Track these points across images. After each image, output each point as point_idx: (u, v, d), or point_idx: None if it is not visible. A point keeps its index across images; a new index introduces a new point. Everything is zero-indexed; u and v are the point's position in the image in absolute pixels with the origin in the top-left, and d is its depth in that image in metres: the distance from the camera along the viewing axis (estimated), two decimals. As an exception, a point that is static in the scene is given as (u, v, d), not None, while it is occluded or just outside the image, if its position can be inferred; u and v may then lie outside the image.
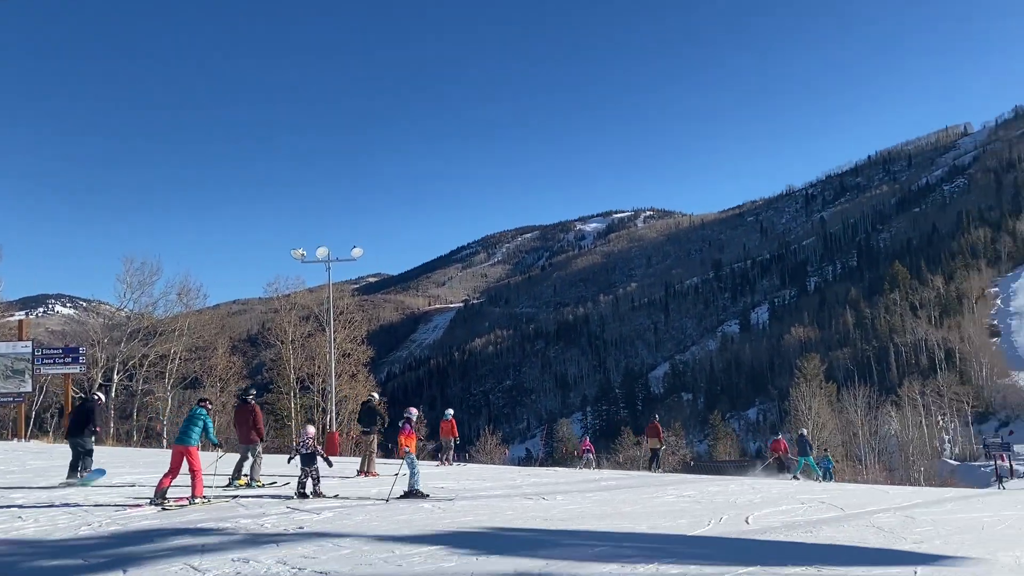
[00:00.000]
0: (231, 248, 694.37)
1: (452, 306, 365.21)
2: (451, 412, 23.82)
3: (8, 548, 8.04)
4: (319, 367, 38.98)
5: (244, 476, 14.38)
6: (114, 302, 42.32)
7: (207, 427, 12.03)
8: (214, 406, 21.12)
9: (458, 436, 23.23)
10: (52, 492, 12.79)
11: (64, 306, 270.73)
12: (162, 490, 11.39)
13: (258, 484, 14.18)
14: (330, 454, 19.53)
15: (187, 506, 11.31)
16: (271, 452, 27.53)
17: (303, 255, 30.32)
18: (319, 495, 12.57)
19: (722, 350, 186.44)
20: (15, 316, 43.00)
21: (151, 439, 38.23)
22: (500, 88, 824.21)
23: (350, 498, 12.79)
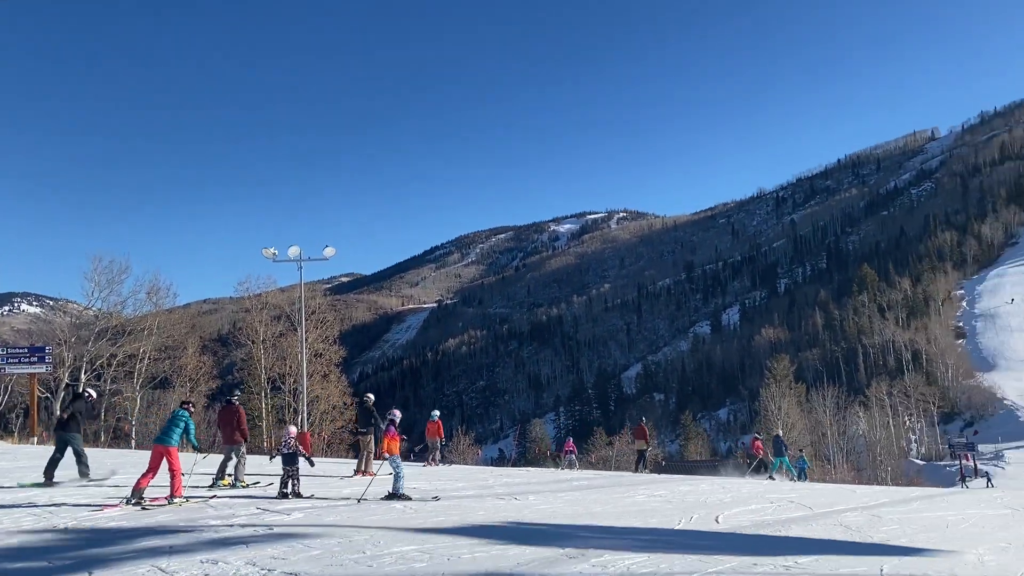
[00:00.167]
0: (202, 247, 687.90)
1: (425, 306, 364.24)
2: (437, 413, 23.91)
3: (-30, 551, 7.90)
4: (290, 367, 38.67)
5: (228, 476, 14.37)
6: (82, 301, 41.67)
7: (188, 429, 12.00)
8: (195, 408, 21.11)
9: (444, 436, 23.40)
10: (16, 493, 12.57)
11: (31, 304, 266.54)
12: (140, 490, 11.31)
13: (242, 485, 14.14)
14: (279, 452, 19.56)
15: (166, 506, 11.24)
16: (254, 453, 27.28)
17: (275, 254, 30.06)
18: (298, 495, 12.57)
19: (694, 351, 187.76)
20: (-21, 315, 42.23)
21: (119, 439, 37.72)
22: (475, 90, 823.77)
23: (330, 498, 12.73)
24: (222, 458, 14.72)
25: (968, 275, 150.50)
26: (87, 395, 15.15)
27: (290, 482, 12.61)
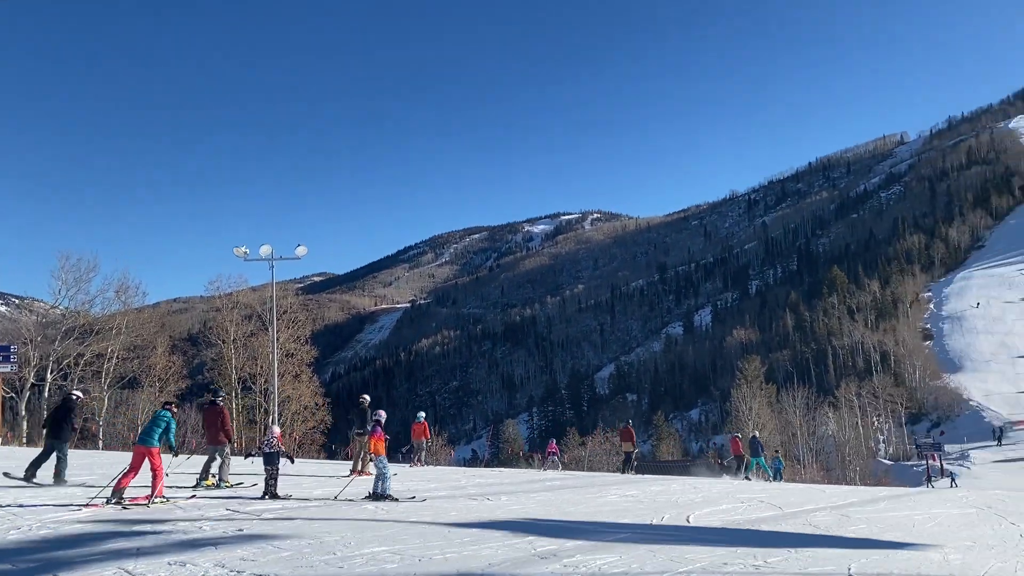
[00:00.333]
0: (172, 245, 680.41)
1: (399, 306, 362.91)
2: (423, 415, 24.03)
3: (-69, 554, 7.74)
4: (262, 367, 38.34)
5: (212, 476, 14.40)
6: (49, 299, 41.01)
7: (169, 429, 11.98)
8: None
9: (430, 437, 23.53)
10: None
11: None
12: (120, 490, 11.30)
13: (227, 485, 14.16)
14: (247, 452, 19.61)
15: (146, 506, 11.20)
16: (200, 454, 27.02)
17: (246, 253, 29.74)
18: (275, 495, 12.59)
19: (666, 351, 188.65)
20: (-58, 313, 41.43)
21: (86, 440, 37.14)
22: (450, 91, 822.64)
23: (311, 498, 12.64)
24: (206, 458, 14.82)
25: (935, 278, 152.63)
26: (75, 397, 15.01)
27: (271, 481, 12.67)
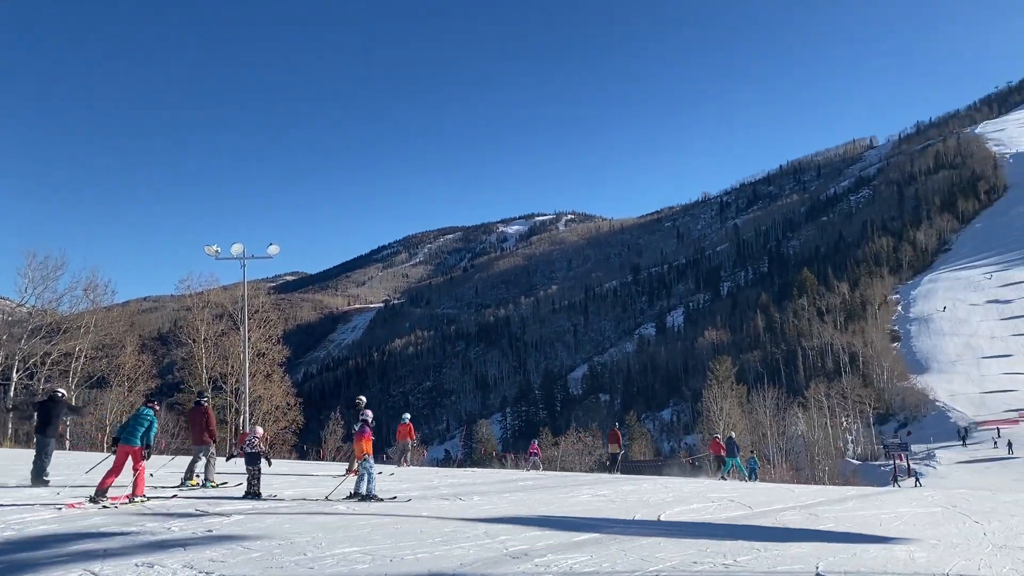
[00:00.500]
0: (142, 244, 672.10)
1: (372, 306, 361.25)
2: (408, 416, 24.09)
3: None
4: (232, 367, 37.96)
5: (196, 476, 14.50)
6: (14, 297, 40.22)
7: (151, 429, 12.01)
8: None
9: (415, 438, 23.67)
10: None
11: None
12: (103, 488, 11.32)
13: (212, 484, 14.24)
14: (230, 453, 19.60)
15: (127, 505, 11.25)
16: (181, 453, 26.69)
17: (217, 251, 29.44)
18: (257, 495, 12.68)
19: (639, 352, 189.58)
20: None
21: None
22: (424, 91, 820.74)
23: (284, 499, 12.54)
24: (191, 458, 14.96)
25: (903, 280, 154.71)
26: (60, 395, 15.04)
27: (253, 481, 12.76)
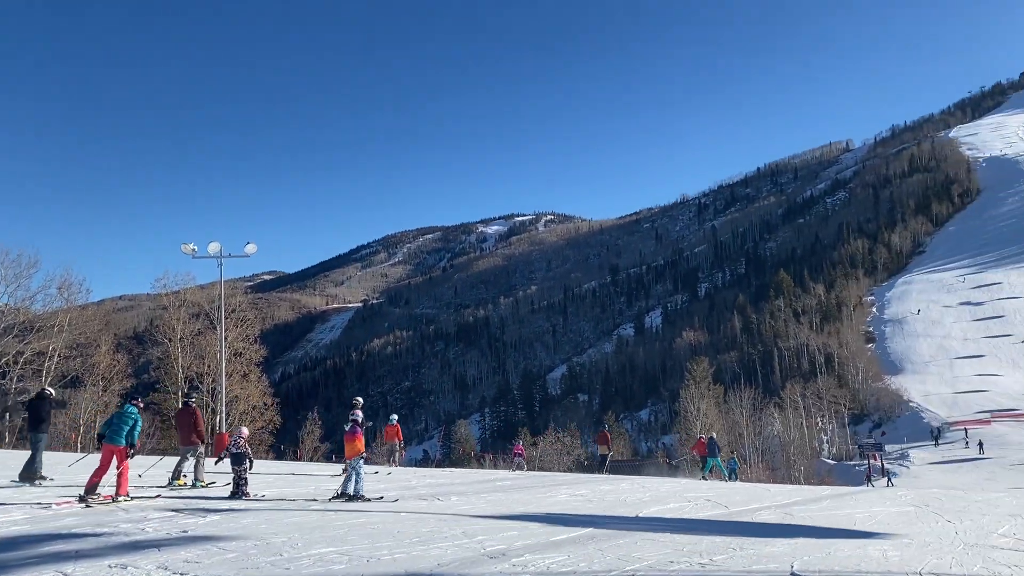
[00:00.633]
0: (118, 242, 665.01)
1: (351, 306, 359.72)
2: (395, 417, 24.18)
3: None
4: (209, 366, 37.66)
5: (184, 477, 14.74)
6: (-15, 296, 39.62)
7: (135, 427, 12.05)
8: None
9: (402, 439, 23.88)
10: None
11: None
12: (92, 487, 11.43)
13: (202, 484, 14.48)
14: (218, 455, 19.44)
15: (110, 503, 11.29)
16: (157, 453, 26.45)
17: (194, 250, 29.21)
18: (245, 495, 12.80)
19: (617, 352, 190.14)
20: None
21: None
22: (403, 91, 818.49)
23: (266, 499, 12.45)
24: (178, 459, 15.23)
25: (878, 282, 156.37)
26: (48, 393, 15.04)
27: (239, 481, 12.88)
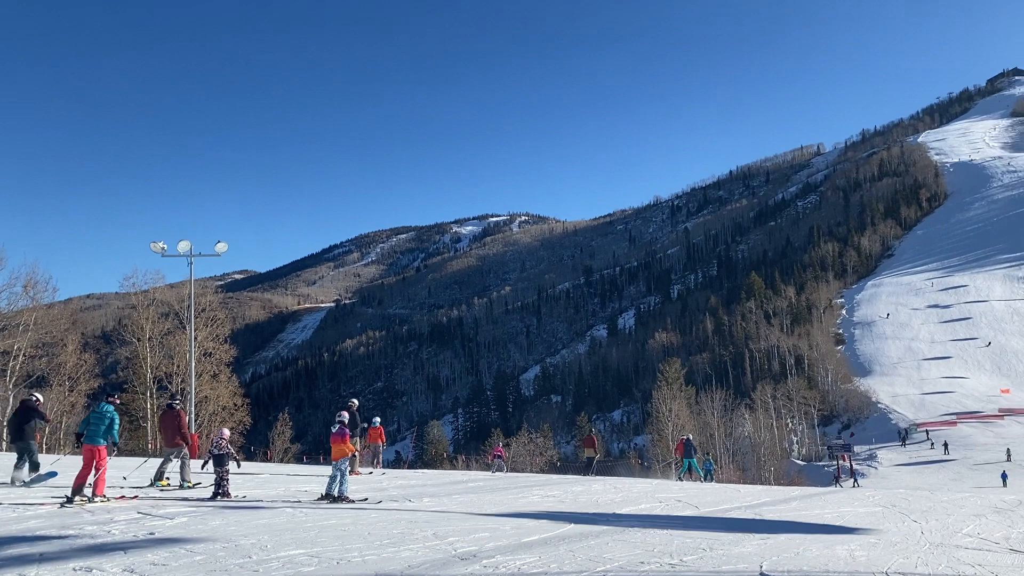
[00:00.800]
0: (86, 240, 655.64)
1: (323, 306, 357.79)
2: (378, 419, 24.04)
3: None
4: (178, 366, 37.27)
5: (166, 478, 14.84)
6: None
7: (113, 425, 12.05)
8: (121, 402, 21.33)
9: (385, 442, 23.87)
10: None
11: None
12: (77, 488, 11.50)
13: (189, 484, 14.54)
14: (191, 456, 19.38)
15: (87, 504, 11.30)
16: (127, 455, 26.10)
17: (164, 249, 28.83)
18: (227, 495, 12.91)
19: (591, 354, 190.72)
20: None
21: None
22: (377, 90, 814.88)
23: (249, 500, 12.32)
24: (161, 460, 15.42)
25: (848, 284, 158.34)
26: (34, 399, 14.84)
27: (222, 483, 12.99)
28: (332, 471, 13.33)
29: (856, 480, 52.84)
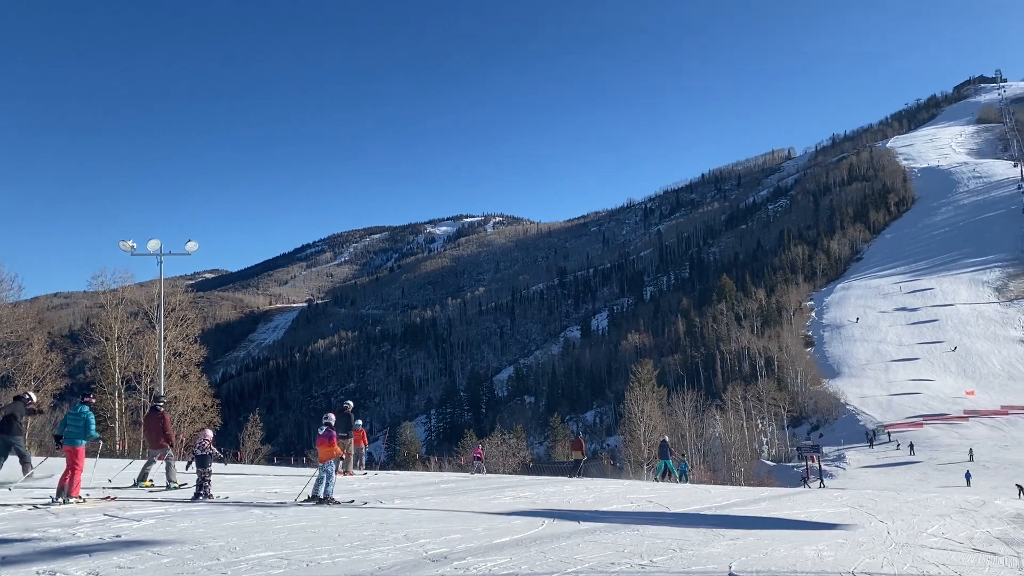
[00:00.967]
0: (53, 238, 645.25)
1: (295, 306, 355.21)
2: (360, 422, 23.98)
3: None
4: (147, 366, 36.79)
5: (150, 480, 14.87)
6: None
7: (89, 425, 12.04)
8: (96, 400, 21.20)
9: (367, 444, 24.11)
10: None
11: None
12: (61, 489, 11.55)
13: (175, 485, 14.55)
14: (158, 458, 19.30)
15: (61, 505, 11.32)
16: (96, 456, 25.68)
17: (133, 247, 28.45)
18: (208, 496, 12.95)
19: (564, 355, 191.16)
20: None
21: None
22: (351, 89, 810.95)
23: (240, 501, 12.18)
24: (144, 461, 15.55)
25: (818, 287, 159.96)
26: (27, 397, 14.60)
27: (204, 484, 13.04)
28: (319, 473, 13.34)
29: (822, 481, 53.50)
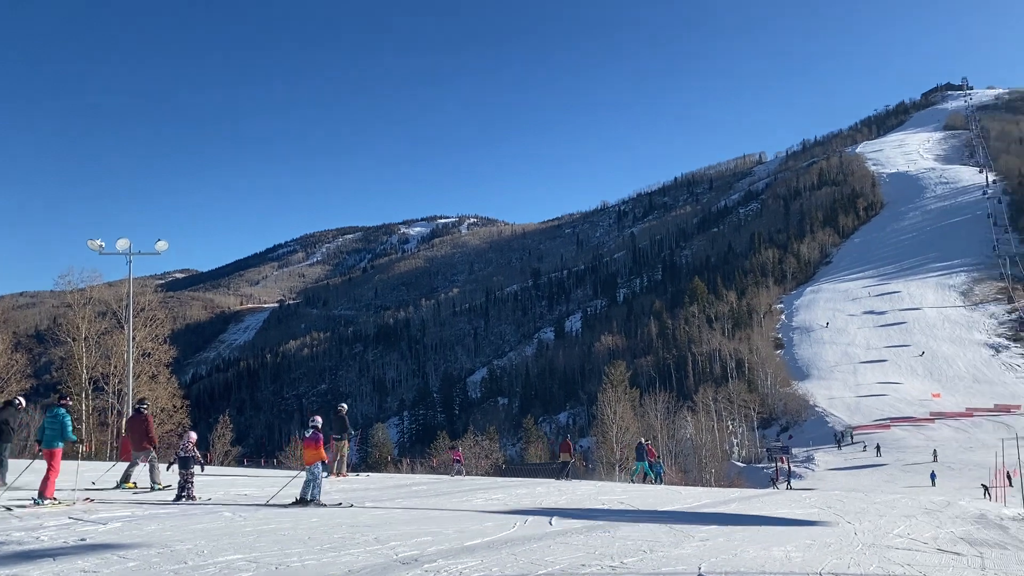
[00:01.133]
0: (19, 237, 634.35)
1: (266, 306, 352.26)
2: None
3: None
4: (115, 367, 36.28)
5: (132, 481, 14.92)
6: None
7: (64, 426, 12.11)
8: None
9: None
10: None
11: None
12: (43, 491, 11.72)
13: (160, 487, 14.63)
14: (124, 459, 19.08)
15: (33, 507, 11.28)
16: (77, 458, 25.31)
17: (101, 246, 28.11)
18: (191, 498, 13.00)
19: (538, 356, 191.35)
20: None
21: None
22: (325, 88, 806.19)
23: (224, 502, 12.03)
24: (127, 463, 15.52)
25: (787, 290, 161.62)
26: (17, 402, 14.64)
27: (186, 485, 13.08)
28: (306, 475, 13.34)
29: (789, 482, 54.05)
